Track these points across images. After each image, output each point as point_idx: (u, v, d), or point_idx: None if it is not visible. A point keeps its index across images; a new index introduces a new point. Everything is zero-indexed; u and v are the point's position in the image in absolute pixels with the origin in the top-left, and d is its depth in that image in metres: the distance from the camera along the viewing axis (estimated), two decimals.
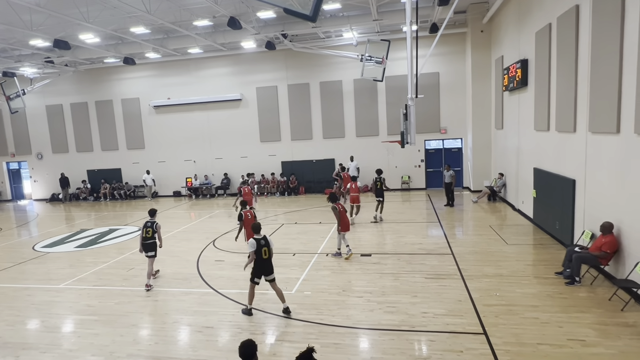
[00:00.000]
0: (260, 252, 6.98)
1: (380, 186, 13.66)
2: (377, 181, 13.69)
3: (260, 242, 7.02)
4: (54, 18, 13.82)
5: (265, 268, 7.11)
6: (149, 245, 8.97)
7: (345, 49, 18.80)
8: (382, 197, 13.71)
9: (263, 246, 7.01)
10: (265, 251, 7.04)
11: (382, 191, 13.69)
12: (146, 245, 8.97)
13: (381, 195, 13.67)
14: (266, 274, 7.14)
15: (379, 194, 13.67)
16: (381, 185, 13.66)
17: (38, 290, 9.11)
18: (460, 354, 5.62)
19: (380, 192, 13.67)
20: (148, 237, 9.01)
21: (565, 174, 9.74)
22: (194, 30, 16.78)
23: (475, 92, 17.70)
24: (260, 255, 7.00)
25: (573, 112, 9.11)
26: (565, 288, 7.57)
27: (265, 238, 7.12)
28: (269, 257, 7.11)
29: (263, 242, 7.05)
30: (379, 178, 13.70)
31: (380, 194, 13.65)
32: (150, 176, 22.09)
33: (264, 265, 7.09)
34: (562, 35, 9.65)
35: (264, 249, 7.01)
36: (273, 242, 7.25)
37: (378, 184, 13.65)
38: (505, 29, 14.83)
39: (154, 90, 22.18)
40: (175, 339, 6.62)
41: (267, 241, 7.09)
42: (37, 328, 7.34)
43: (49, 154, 24.12)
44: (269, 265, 7.14)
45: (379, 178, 13.70)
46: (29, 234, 15.79)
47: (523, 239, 11.01)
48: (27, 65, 19.86)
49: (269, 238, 7.17)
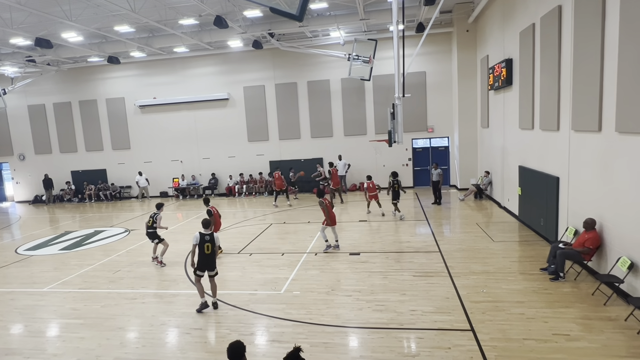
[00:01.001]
0: (202, 247, 7.24)
1: (397, 189, 13.76)
2: (395, 184, 13.74)
3: (205, 238, 7.28)
4: (35, 16, 13.54)
5: (208, 263, 7.37)
6: (151, 234, 10.40)
7: (332, 48, 18.81)
8: (398, 199, 13.86)
9: (207, 242, 7.27)
10: (208, 247, 7.28)
11: (399, 194, 13.84)
12: (149, 233, 10.41)
13: (397, 197, 13.82)
14: (209, 269, 7.41)
15: (395, 197, 13.80)
16: (398, 188, 13.78)
17: (21, 294, 8.93)
18: (449, 351, 5.68)
19: (397, 194, 13.80)
20: (149, 226, 10.40)
21: (549, 172, 9.92)
22: (180, 29, 16.60)
23: (462, 91, 17.88)
24: (202, 250, 7.25)
25: (556, 110, 9.28)
26: (549, 284, 7.71)
27: (212, 235, 7.34)
28: (211, 252, 7.33)
29: (208, 237, 7.30)
30: (395, 181, 13.73)
31: (396, 196, 13.79)
32: (143, 177, 21.70)
33: (206, 260, 7.33)
34: (546, 35, 9.81)
35: (207, 245, 7.26)
36: (219, 240, 7.55)
37: (396, 186, 13.73)
38: (490, 28, 15.01)
39: (140, 89, 21.89)
40: (163, 342, 6.55)
41: (212, 238, 7.32)
42: (20, 333, 7.18)
43: (32, 155, 23.62)
44: (211, 261, 7.40)
45: (395, 181, 13.73)
46: (11, 236, 15.44)
47: (509, 236, 11.17)
48: (7, 64, 19.40)
49: (216, 235, 7.40)
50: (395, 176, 13.91)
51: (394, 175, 13.93)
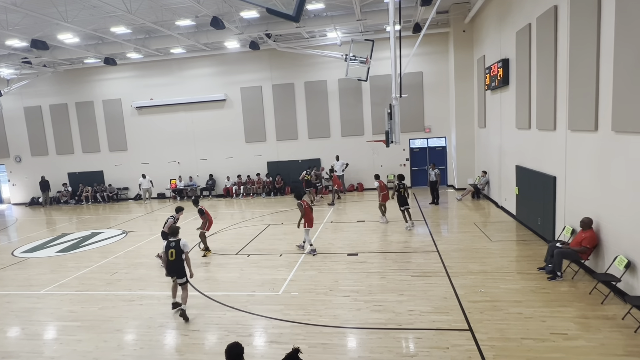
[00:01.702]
0: (167, 253, 7.31)
1: (403, 193, 12.46)
2: (400, 188, 12.48)
3: (170, 244, 7.32)
4: (31, 17, 13.48)
5: (174, 269, 7.37)
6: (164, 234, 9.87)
7: (329, 49, 18.81)
8: (406, 204, 12.48)
9: (171, 248, 7.27)
10: (172, 253, 7.27)
11: (406, 199, 12.50)
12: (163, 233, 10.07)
13: (405, 203, 12.46)
14: (177, 275, 7.40)
15: (402, 203, 12.46)
16: (404, 191, 12.49)
17: (18, 297, 8.88)
18: (447, 351, 5.69)
19: (404, 200, 12.47)
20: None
21: (546, 171, 9.94)
22: (177, 30, 16.57)
23: (458, 91, 17.92)
24: (167, 256, 7.33)
25: (553, 110, 9.31)
26: (547, 283, 7.73)
27: (177, 242, 7.30)
28: (175, 259, 7.28)
29: (173, 244, 7.30)
30: (401, 184, 12.52)
31: (404, 202, 12.46)
32: (147, 179, 21.57)
33: (172, 265, 7.35)
34: (542, 35, 9.84)
35: (171, 251, 7.26)
36: (188, 248, 7.39)
37: (401, 190, 12.43)
38: (487, 28, 15.06)
39: (136, 91, 21.83)
40: (161, 343, 6.53)
41: (177, 244, 7.27)
42: (17, 336, 7.15)
43: (28, 157, 23.51)
44: (177, 268, 7.34)
45: (401, 184, 12.52)
46: (7, 239, 15.36)
47: (506, 235, 11.20)
48: (3, 65, 19.31)
49: (183, 243, 7.30)
50: (402, 179, 12.82)
51: (400, 179, 12.83)
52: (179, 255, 7.28)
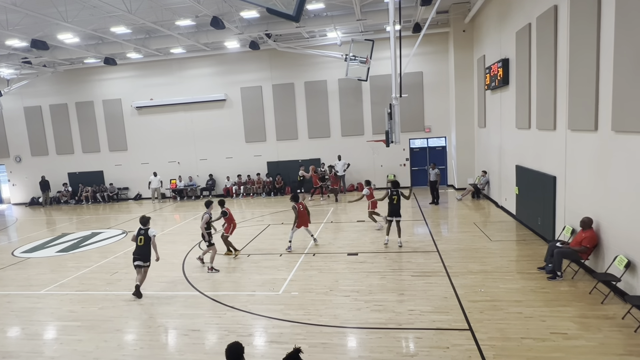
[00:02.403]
0: (137, 239, 8.41)
1: (396, 202, 10.78)
2: (394, 195, 10.86)
3: (140, 232, 8.43)
4: (31, 17, 13.48)
5: (140, 253, 8.40)
6: (203, 234, 10.06)
7: (329, 49, 18.82)
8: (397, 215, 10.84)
9: (141, 235, 8.40)
10: (141, 239, 8.39)
11: (398, 209, 10.82)
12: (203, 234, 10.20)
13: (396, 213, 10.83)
14: (142, 260, 8.42)
15: (392, 212, 10.88)
16: (397, 200, 10.79)
17: (18, 297, 8.88)
18: (447, 350, 5.69)
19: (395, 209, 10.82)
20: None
21: (546, 171, 9.95)
22: (177, 30, 16.57)
23: (458, 91, 17.93)
24: (137, 241, 8.41)
25: (553, 110, 9.31)
26: (547, 283, 7.74)
27: (147, 230, 8.41)
28: (143, 244, 8.39)
29: (142, 232, 8.42)
30: (395, 192, 10.86)
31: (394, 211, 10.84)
32: (157, 178, 21.51)
33: (139, 250, 8.40)
34: (542, 35, 9.84)
35: (140, 237, 8.39)
36: (154, 235, 8.42)
37: (394, 198, 10.79)
38: (487, 28, 15.06)
39: (136, 91, 21.83)
40: (161, 343, 6.53)
41: (146, 232, 8.40)
42: (17, 336, 7.15)
43: (28, 157, 23.51)
44: (143, 252, 8.40)
45: (395, 192, 10.86)
46: (7, 239, 15.36)
47: (506, 235, 11.20)
48: (3, 65, 19.31)
49: (151, 231, 8.42)
50: (396, 186, 11.04)
51: (395, 185, 11.11)
52: (147, 242, 8.40)
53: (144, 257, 8.43)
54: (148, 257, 8.46)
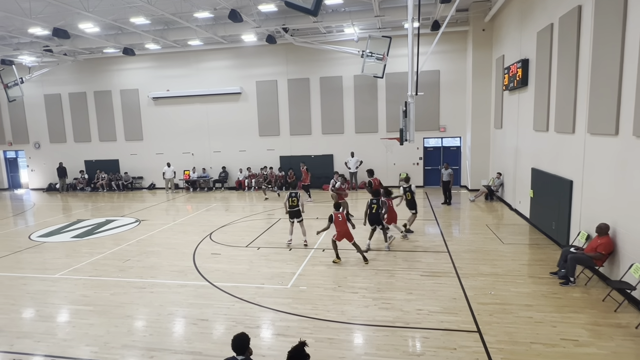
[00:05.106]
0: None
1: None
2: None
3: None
4: (53, 6, 13.70)
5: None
6: (295, 213, 10.86)
7: (346, 45, 18.73)
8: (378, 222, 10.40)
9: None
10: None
11: (378, 215, 10.37)
12: (292, 212, 10.86)
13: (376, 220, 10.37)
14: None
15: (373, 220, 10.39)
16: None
17: (34, 280, 9.10)
18: (454, 352, 5.65)
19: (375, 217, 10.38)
20: (294, 205, 10.82)
21: (563, 175, 9.76)
22: (195, 22, 16.67)
23: (476, 91, 17.68)
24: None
25: (572, 113, 9.11)
26: (559, 288, 7.61)
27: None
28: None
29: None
30: (375, 200, 10.33)
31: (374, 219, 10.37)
32: (171, 168, 21.70)
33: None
34: (564, 36, 9.63)
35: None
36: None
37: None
38: (507, 28, 14.79)
39: (153, 81, 22.07)
40: (170, 331, 6.63)
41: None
42: (32, 317, 7.33)
43: (47, 144, 24.01)
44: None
45: (375, 200, 10.33)
46: (25, 223, 15.74)
47: (519, 238, 11.05)
48: (25, 53, 19.72)
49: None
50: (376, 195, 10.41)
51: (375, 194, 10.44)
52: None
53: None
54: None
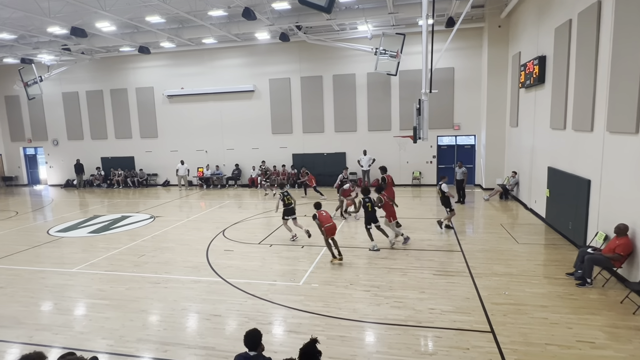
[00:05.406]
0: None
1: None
2: (367, 202, 10.38)
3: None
4: (71, 6, 13.94)
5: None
6: (290, 210, 11.30)
7: (359, 42, 18.65)
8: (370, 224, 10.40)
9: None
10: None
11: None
12: (287, 210, 11.29)
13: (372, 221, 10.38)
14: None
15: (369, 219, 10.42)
16: (372, 205, 10.42)
17: (52, 274, 9.32)
18: (467, 352, 5.60)
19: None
20: (289, 203, 11.33)
21: (581, 174, 9.57)
22: (209, 21, 16.79)
23: (491, 88, 17.44)
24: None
25: (591, 110, 8.92)
26: (575, 289, 7.48)
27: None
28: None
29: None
30: (367, 199, 10.36)
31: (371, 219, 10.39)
32: (184, 166, 21.92)
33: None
34: (583, 32, 9.42)
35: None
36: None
37: (368, 205, 10.35)
38: (524, 24, 14.54)
39: (168, 79, 22.32)
40: (183, 326, 6.72)
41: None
42: (50, 310, 7.51)
43: (65, 141, 24.51)
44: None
45: (367, 199, 10.36)
46: (44, 218, 16.12)
47: (534, 238, 10.88)
48: (44, 52, 20.13)
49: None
50: (367, 193, 10.43)
51: (365, 193, 10.46)
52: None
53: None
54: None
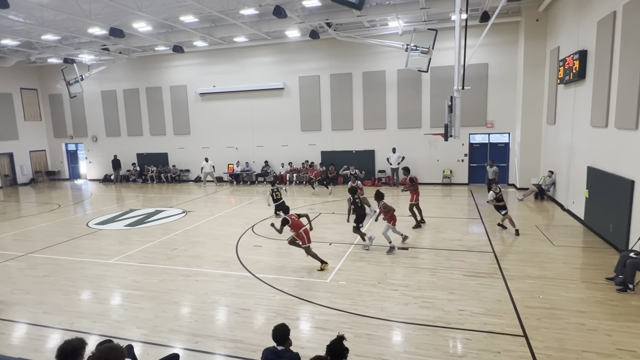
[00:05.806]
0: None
1: (360, 204, 10.61)
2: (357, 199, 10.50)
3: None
4: (110, 7, 14.49)
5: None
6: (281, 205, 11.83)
7: (390, 39, 18.41)
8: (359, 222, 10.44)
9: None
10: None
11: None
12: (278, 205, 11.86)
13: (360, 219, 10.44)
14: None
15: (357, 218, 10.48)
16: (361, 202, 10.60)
17: (91, 264, 9.75)
18: (498, 355, 5.45)
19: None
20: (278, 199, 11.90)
21: (623, 174, 9.10)
22: (240, 19, 17.03)
23: (527, 84, 16.82)
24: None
25: (636, 107, 8.46)
26: (616, 295, 7.13)
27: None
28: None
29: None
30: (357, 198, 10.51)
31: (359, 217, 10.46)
32: (209, 163, 22.30)
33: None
34: (628, 25, 8.94)
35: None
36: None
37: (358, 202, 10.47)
38: (563, 17, 13.93)
39: (201, 77, 22.84)
40: (213, 319, 6.88)
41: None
42: (89, 299, 7.87)
43: (103, 137, 25.57)
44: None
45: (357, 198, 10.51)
46: (83, 211, 16.89)
47: (571, 240, 10.44)
48: (85, 52, 21.03)
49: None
50: (354, 192, 10.51)
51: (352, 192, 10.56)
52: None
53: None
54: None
